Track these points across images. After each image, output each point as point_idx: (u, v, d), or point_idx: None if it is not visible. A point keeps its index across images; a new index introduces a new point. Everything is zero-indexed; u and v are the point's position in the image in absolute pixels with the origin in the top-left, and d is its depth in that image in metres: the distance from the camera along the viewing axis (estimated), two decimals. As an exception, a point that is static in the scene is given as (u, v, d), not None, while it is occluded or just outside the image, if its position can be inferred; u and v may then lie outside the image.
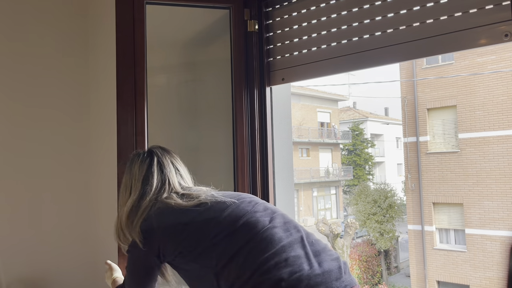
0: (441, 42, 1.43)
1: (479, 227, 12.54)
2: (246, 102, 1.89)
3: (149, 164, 1.35)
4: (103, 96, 2.06)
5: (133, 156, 1.41)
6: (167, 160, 1.39)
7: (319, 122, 26.23)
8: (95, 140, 2.13)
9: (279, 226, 1.20)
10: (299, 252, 1.13)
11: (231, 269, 1.15)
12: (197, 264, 1.21)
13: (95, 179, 2.12)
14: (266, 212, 1.25)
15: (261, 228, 1.18)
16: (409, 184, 14.09)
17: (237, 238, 1.18)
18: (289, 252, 1.12)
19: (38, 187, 2.00)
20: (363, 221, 17.40)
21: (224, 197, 1.27)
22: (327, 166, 26.44)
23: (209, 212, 1.24)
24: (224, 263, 1.16)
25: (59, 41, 2.10)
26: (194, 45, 2.01)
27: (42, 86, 2.04)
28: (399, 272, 18.75)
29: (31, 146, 1.99)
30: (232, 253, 1.16)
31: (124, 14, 1.71)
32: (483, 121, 12.55)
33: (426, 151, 13.77)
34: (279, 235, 1.16)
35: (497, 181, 12.18)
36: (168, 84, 2.00)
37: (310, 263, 1.11)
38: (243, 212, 1.22)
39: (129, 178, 1.36)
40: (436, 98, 13.60)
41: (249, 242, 1.16)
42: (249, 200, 1.29)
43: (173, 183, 1.34)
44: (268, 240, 1.15)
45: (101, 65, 2.09)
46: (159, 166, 1.36)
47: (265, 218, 1.21)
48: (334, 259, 1.16)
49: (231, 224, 1.20)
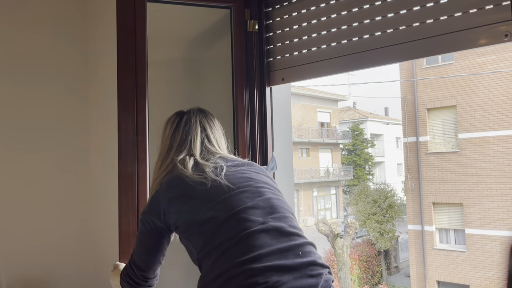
0: (441, 42, 1.44)
1: (479, 227, 12.54)
2: (246, 102, 1.89)
3: (177, 123, 1.40)
4: (103, 96, 2.06)
5: (171, 115, 1.46)
6: (197, 119, 1.41)
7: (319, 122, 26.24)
8: (95, 139, 2.13)
9: (269, 229, 1.14)
10: (276, 263, 1.07)
11: (209, 261, 1.15)
12: (189, 242, 1.24)
13: (95, 178, 2.12)
14: (264, 209, 1.18)
15: (247, 228, 1.13)
16: (409, 184, 14.09)
17: (222, 231, 1.15)
18: (263, 262, 1.07)
19: (38, 187, 2.00)
20: (363, 221, 17.40)
21: (228, 180, 1.23)
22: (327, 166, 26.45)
23: (207, 196, 1.21)
24: (206, 252, 1.16)
25: (59, 39, 2.10)
26: (195, 44, 2.01)
27: (42, 85, 2.04)
28: (399, 272, 18.75)
29: (31, 146, 1.99)
30: (214, 244, 1.14)
31: (125, 12, 1.71)
32: (483, 121, 12.55)
33: (426, 151, 13.77)
34: (262, 240, 1.11)
35: (497, 181, 12.18)
36: (169, 83, 2.00)
37: (280, 277, 1.04)
38: (238, 205, 1.18)
39: (163, 134, 1.42)
40: (436, 98, 13.60)
41: (230, 240, 1.13)
42: (253, 189, 1.23)
43: (194, 143, 1.36)
44: (250, 243, 1.10)
45: (102, 63, 2.09)
46: (185, 123, 1.40)
47: (258, 218, 1.16)
48: (314, 275, 1.08)
49: (222, 215, 1.17)
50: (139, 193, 1.67)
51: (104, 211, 2.04)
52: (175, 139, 1.38)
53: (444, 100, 13.40)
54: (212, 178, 1.24)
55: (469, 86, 12.86)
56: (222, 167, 1.27)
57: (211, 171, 1.26)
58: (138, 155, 1.67)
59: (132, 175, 1.66)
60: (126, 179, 1.66)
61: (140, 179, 1.67)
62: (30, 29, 2.02)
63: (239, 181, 1.24)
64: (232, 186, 1.22)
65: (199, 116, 1.42)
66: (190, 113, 1.43)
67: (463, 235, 13.09)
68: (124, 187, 1.65)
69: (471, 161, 12.69)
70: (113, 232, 1.64)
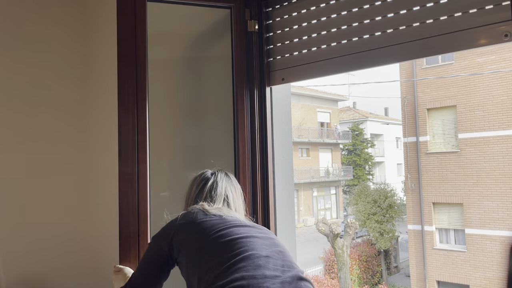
0: (441, 42, 1.44)
1: (479, 227, 12.54)
2: (246, 102, 1.89)
3: (204, 183, 1.51)
4: (104, 95, 2.06)
5: (201, 172, 1.56)
6: (223, 183, 1.52)
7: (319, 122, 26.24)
8: (96, 139, 2.13)
9: (274, 258, 1.20)
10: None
11: (211, 274, 1.18)
12: (191, 264, 1.29)
13: (95, 179, 2.12)
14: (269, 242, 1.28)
15: (252, 250, 1.20)
16: (409, 184, 14.09)
17: (225, 250, 1.22)
18: (266, 282, 1.11)
19: (38, 187, 2.00)
20: (363, 221, 17.39)
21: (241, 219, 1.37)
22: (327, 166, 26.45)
23: (216, 222, 1.32)
24: (208, 268, 1.21)
25: (59, 39, 2.10)
26: (195, 44, 2.01)
27: (42, 85, 2.04)
28: (399, 272, 18.74)
29: (31, 146, 1.99)
30: (216, 262, 1.20)
31: (125, 12, 1.71)
32: (483, 121, 12.55)
33: (426, 151, 13.77)
34: (267, 264, 1.18)
35: (497, 181, 12.18)
36: (169, 82, 2.00)
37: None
38: (244, 232, 1.28)
39: (189, 190, 1.53)
40: (436, 98, 13.60)
41: (234, 257, 1.19)
42: (260, 230, 1.33)
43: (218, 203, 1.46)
44: (253, 262, 1.17)
45: (102, 63, 2.09)
46: (211, 187, 1.50)
47: (263, 246, 1.24)
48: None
49: (226, 236, 1.26)
50: (139, 193, 1.67)
51: (104, 211, 2.04)
52: (198, 198, 1.48)
53: (444, 100, 13.40)
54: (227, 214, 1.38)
55: (469, 86, 12.86)
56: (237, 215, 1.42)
57: (226, 212, 1.40)
58: (138, 155, 1.67)
59: (132, 175, 1.66)
60: (126, 179, 1.66)
61: (140, 179, 1.67)
62: (30, 29, 2.02)
63: (246, 222, 1.38)
64: (243, 221, 1.35)
65: (226, 179, 1.54)
66: (217, 175, 1.54)
67: (463, 235, 13.09)
68: (124, 187, 1.65)
69: (471, 161, 12.69)
70: (113, 232, 1.64)
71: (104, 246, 2.01)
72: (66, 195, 2.07)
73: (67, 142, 2.10)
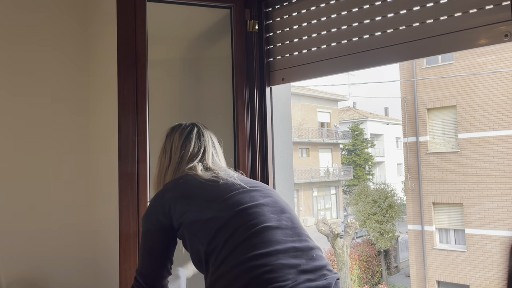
0: (441, 42, 1.44)
1: (479, 227, 12.54)
2: (246, 102, 1.89)
3: (189, 132, 1.43)
4: (104, 95, 2.06)
5: (175, 125, 1.48)
6: (207, 133, 1.46)
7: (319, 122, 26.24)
8: (96, 139, 2.13)
9: (284, 228, 1.15)
10: (291, 261, 1.08)
11: (220, 252, 1.13)
12: (196, 238, 1.20)
13: (95, 178, 2.12)
14: (276, 208, 1.20)
15: (262, 223, 1.14)
16: (409, 184, 14.09)
17: (234, 223, 1.15)
18: (280, 258, 1.07)
19: (38, 186, 2.00)
20: (363, 221, 17.39)
21: (239, 180, 1.27)
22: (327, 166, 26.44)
23: (216, 191, 1.24)
24: (216, 244, 1.14)
25: (59, 40, 2.10)
26: (195, 44, 2.01)
27: (42, 85, 2.04)
28: (399, 272, 18.75)
29: (31, 145, 1.99)
30: (225, 237, 1.13)
31: (125, 12, 1.71)
32: (483, 121, 12.55)
33: (426, 151, 13.77)
34: (279, 237, 1.12)
35: (497, 181, 12.18)
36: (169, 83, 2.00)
37: (297, 277, 1.05)
38: (249, 200, 1.20)
39: (169, 143, 1.43)
40: (436, 98, 13.60)
41: (245, 232, 1.12)
42: (263, 191, 1.26)
43: (207, 153, 1.40)
44: (266, 238, 1.11)
45: (102, 64, 2.09)
46: (197, 135, 1.43)
47: (272, 215, 1.17)
48: (328, 279, 1.09)
49: (234, 208, 1.18)
50: (139, 193, 1.67)
51: (104, 211, 2.04)
52: (186, 150, 1.40)
53: (444, 100, 13.40)
54: (224, 177, 1.28)
55: (469, 86, 12.86)
56: (232, 172, 1.34)
57: (223, 174, 1.30)
58: (138, 155, 1.67)
59: (132, 175, 1.66)
60: (126, 179, 1.66)
61: (140, 179, 1.67)
62: (30, 29, 2.02)
63: (250, 182, 1.29)
64: (244, 184, 1.25)
65: (208, 131, 1.48)
66: (199, 126, 1.47)
67: (463, 235, 13.09)
68: (124, 187, 1.65)
69: (471, 161, 12.69)
70: (113, 232, 1.64)
71: (104, 246, 2.01)
72: (66, 195, 2.07)
73: (67, 142, 2.10)
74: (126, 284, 1.63)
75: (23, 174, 1.96)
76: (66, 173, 2.08)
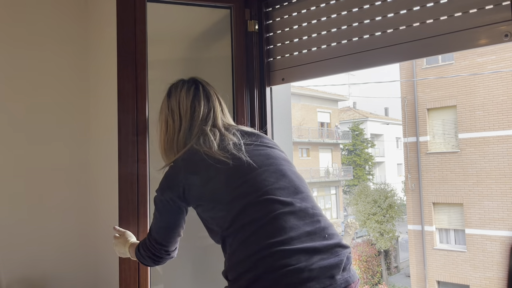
0: (441, 42, 1.44)
1: (479, 227, 12.54)
2: (246, 102, 1.89)
3: (195, 90, 1.38)
4: (103, 95, 2.06)
5: (177, 82, 1.42)
6: (212, 91, 1.42)
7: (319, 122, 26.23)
8: (95, 139, 2.13)
9: (297, 211, 1.16)
10: (305, 245, 1.10)
11: (236, 240, 1.15)
12: (213, 220, 1.23)
13: (95, 179, 2.12)
14: (289, 190, 1.20)
15: (277, 209, 1.14)
16: (409, 184, 14.09)
17: (250, 211, 1.16)
18: (294, 244, 1.10)
19: (38, 187, 2.00)
20: (363, 221, 17.40)
21: (251, 157, 1.24)
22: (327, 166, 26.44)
23: (233, 173, 1.22)
24: (232, 230, 1.17)
25: (59, 40, 2.10)
26: (195, 44, 2.01)
27: (42, 85, 2.04)
28: (399, 272, 18.75)
29: (31, 146, 1.99)
30: (241, 225, 1.15)
31: (125, 12, 1.71)
32: (483, 121, 12.55)
33: (426, 151, 13.77)
34: (292, 222, 1.13)
35: (497, 181, 12.18)
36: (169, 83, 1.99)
37: (309, 258, 1.08)
38: (265, 184, 1.19)
39: (175, 102, 1.37)
40: (436, 98, 13.60)
41: (260, 220, 1.14)
42: (276, 168, 1.24)
43: (217, 114, 1.36)
44: (279, 225, 1.12)
45: (102, 64, 2.09)
46: (205, 94, 1.38)
47: (286, 198, 1.17)
48: (339, 255, 1.13)
49: (250, 193, 1.18)
50: (139, 194, 1.67)
51: (104, 212, 2.04)
52: (196, 111, 1.35)
53: (444, 100, 13.40)
54: (235, 155, 1.24)
55: (469, 86, 12.86)
56: (241, 145, 1.27)
57: (233, 147, 1.26)
58: (138, 155, 1.67)
59: (132, 175, 1.66)
60: (126, 179, 1.66)
61: (140, 179, 1.67)
62: (30, 29, 2.02)
63: (261, 160, 1.25)
64: (255, 165, 1.22)
65: (212, 88, 1.43)
66: (203, 84, 1.42)
67: (463, 235, 13.09)
68: (124, 187, 1.65)
69: (471, 161, 12.69)
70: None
71: (104, 246, 2.01)
72: (66, 195, 2.07)
73: (67, 143, 2.10)
74: (126, 284, 1.63)
75: (23, 174, 1.96)
76: (66, 173, 2.08)
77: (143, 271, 1.65)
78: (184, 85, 1.41)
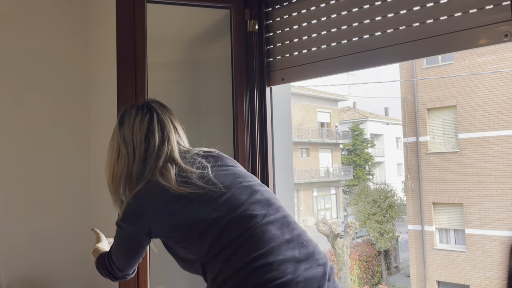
0: (441, 42, 1.44)
1: (479, 227, 12.54)
2: (246, 102, 1.89)
3: (149, 121, 1.29)
4: (103, 96, 2.06)
5: (130, 109, 1.32)
6: (167, 118, 1.32)
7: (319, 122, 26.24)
8: (95, 139, 2.13)
9: (273, 222, 1.15)
10: (287, 254, 1.09)
11: (217, 262, 1.13)
12: (187, 250, 1.19)
13: (96, 179, 2.12)
14: (262, 203, 1.18)
15: (254, 224, 1.13)
16: (409, 184, 14.09)
17: (228, 231, 1.13)
18: (276, 254, 1.09)
19: (38, 187, 2.00)
20: (363, 221, 17.40)
21: (218, 180, 1.20)
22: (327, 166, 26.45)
23: (203, 201, 1.17)
24: (212, 255, 1.14)
25: (59, 41, 2.10)
26: (195, 45, 2.01)
27: (42, 86, 2.04)
28: (399, 272, 18.75)
29: (31, 146, 1.99)
30: (221, 246, 1.13)
31: (124, 13, 1.71)
32: (483, 121, 12.55)
33: (426, 151, 13.77)
34: (271, 233, 1.12)
35: (497, 181, 12.18)
36: (169, 83, 1.99)
37: (295, 269, 1.07)
38: (238, 203, 1.17)
39: (129, 133, 1.28)
40: (436, 98, 13.60)
41: (239, 238, 1.12)
42: (245, 185, 1.21)
43: (172, 144, 1.28)
44: (259, 238, 1.11)
45: (102, 64, 2.09)
46: (159, 123, 1.30)
47: (260, 212, 1.16)
48: (321, 264, 1.12)
49: (225, 215, 1.15)
50: (139, 193, 1.66)
51: (104, 212, 2.04)
52: (149, 144, 1.26)
53: (444, 100, 13.40)
54: (198, 184, 1.18)
55: (469, 86, 12.86)
56: (207, 169, 1.23)
57: (197, 177, 1.20)
58: (138, 155, 1.67)
59: (132, 175, 1.66)
60: (126, 179, 1.65)
61: (140, 179, 1.67)
62: (30, 29, 2.02)
63: (230, 180, 1.22)
64: (223, 187, 1.19)
65: (167, 113, 1.34)
66: (158, 111, 1.31)
67: (463, 235, 13.09)
68: (124, 187, 1.65)
69: (471, 161, 12.69)
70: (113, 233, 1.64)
71: (104, 246, 2.00)
72: (66, 195, 2.07)
73: (68, 143, 2.10)
74: (126, 284, 1.63)
75: (23, 175, 1.96)
76: (66, 173, 2.08)
77: (143, 271, 1.65)
78: (137, 114, 1.30)
